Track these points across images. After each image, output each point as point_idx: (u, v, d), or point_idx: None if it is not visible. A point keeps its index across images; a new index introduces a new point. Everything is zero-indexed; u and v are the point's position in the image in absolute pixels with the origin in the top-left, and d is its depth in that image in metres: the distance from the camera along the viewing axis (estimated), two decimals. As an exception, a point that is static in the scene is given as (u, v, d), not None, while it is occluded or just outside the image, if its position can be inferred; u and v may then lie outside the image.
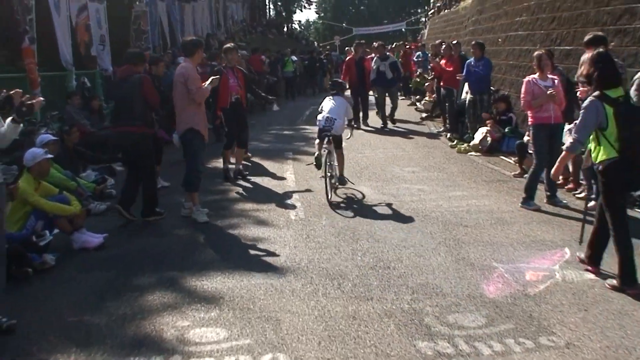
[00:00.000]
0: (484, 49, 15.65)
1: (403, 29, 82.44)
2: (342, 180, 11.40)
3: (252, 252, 8.19)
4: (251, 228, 9.24)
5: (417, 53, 27.76)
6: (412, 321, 5.83)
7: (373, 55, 20.08)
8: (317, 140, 11.10)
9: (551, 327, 5.69)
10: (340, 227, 9.08)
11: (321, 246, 8.21)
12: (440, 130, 18.27)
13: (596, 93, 6.53)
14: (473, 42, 15.90)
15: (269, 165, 14.15)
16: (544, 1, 15.78)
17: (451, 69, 16.68)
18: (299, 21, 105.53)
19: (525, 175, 10.62)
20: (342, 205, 10.41)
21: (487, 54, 15.81)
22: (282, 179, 12.66)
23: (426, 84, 23.71)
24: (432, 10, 52.72)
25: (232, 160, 13.11)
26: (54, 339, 5.70)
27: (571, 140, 6.83)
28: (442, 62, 17.38)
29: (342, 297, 6.47)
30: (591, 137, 6.67)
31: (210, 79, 9.84)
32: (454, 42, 18.08)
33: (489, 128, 14.93)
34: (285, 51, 33.46)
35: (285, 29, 69.98)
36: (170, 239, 8.96)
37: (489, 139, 14.75)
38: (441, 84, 17.49)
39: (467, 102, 15.80)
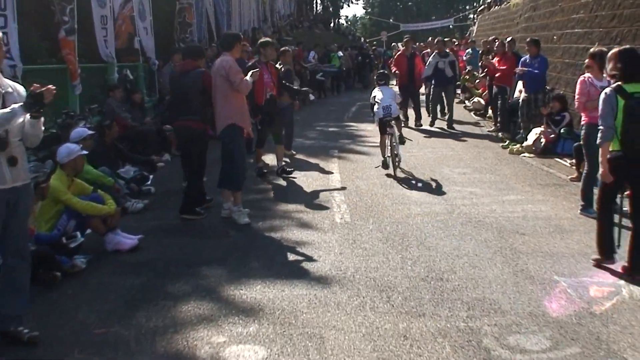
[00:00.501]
0: (540, 46, 14.96)
1: (451, 26, 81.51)
2: (402, 139, 12.91)
3: (294, 258, 7.67)
4: (294, 231, 8.75)
5: (467, 50, 27.03)
6: (470, 342, 5.28)
7: (427, 50, 19.66)
8: (380, 140, 12.61)
9: (622, 351, 5.12)
10: (388, 232, 8.54)
11: (368, 253, 7.67)
12: (491, 129, 17.60)
13: (614, 85, 6.84)
14: (528, 39, 15.14)
15: (313, 163, 13.66)
16: (604, -3, 15.06)
17: (504, 67, 15.98)
18: (346, 16, 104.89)
19: (585, 180, 10.00)
20: (389, 207, 9.84)
21: (541, 51, 15.09)
22: (327, 177, 12.15)
23: (476, 81, 23.01)
24: (482, 7, 51.74)
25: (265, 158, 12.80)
26: (79, 354, 5.27)
27: (600, 130, 6.92)
28: (495, 59, 16.70)
29: (392, 312, 5.93)
30: None
31: (250, 72, 9.38)
32: (508, 39, 17.33)
33: (542, 129, 14.29)
34: (331, 46, 33.11)
35: (332, 24, 69.42)
36: (208, 242, 8.47)
37: (542, 140, 14.09)
38: (493, 82, 16.73)
39: (520, 101, 15.10)
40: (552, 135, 14.03)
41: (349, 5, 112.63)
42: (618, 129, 6.70)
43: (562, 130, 13.89)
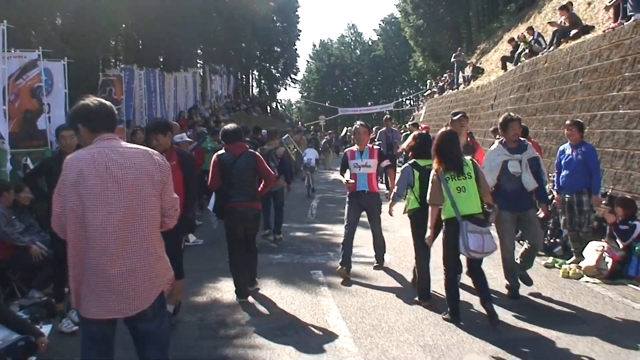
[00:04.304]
0: (584, 131, 11.07)
1: (386, 111, 79.28)
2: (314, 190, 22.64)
3: None
4: None
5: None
6: None
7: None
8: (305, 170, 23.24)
9: None
10: None
11: None
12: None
13: (411, 161, 8.90)
14: (569, 122, 11.06)
15: (295, 297, 9.23)
16: (668, 68, 11.32)
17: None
18: (280, 100, 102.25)
19: None
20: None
21: (557, 138, 11.13)
22: (329, 335, 7.56)
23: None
24: (429, 91, 49.31)
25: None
26: None
27: (392, 194, 9.24)
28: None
29: None
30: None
31: None
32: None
33: (604, 243, 10.31)
34: (286, 129, 29.83)
35: (268, 108, 66.05)
36: None
37: (608, 259, 10.08)
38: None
39: (563, 204, 11.03)
40: (621, 253, 10.05)
41: (285, 89, 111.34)
42: (416, 193, 8.63)
43: (637, 247, 9.93)
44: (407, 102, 77.55)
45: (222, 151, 9.34)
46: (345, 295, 9.18)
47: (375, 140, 21.05)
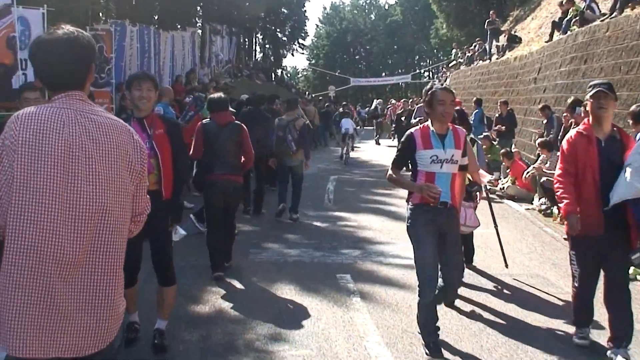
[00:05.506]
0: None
1: (401, 83, 78.09)
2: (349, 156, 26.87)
3: None
4: None
5: (476, 110, 21.93)
6: None
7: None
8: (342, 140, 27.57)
9: None
10: None
11: None
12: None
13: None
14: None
15: (322, 311, 7.88)
16: None
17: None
18: (286, 67, 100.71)
19: None
20: None
21: (624, 119, 9.94)
22: None
23: (500, 152, 17.79)
24: (454, 62, 47.81)
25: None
26: None
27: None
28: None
29: None
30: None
31: None
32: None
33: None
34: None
35: (273, 75, 64.69)
36: None
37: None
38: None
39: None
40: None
41: (292, 55, 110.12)
42: None
43: None
44: (426, 73, 75.92)
45: (207, 120, 9.59)
46: (385, 311, 7.83)
47: (414, 117, 19.37)
